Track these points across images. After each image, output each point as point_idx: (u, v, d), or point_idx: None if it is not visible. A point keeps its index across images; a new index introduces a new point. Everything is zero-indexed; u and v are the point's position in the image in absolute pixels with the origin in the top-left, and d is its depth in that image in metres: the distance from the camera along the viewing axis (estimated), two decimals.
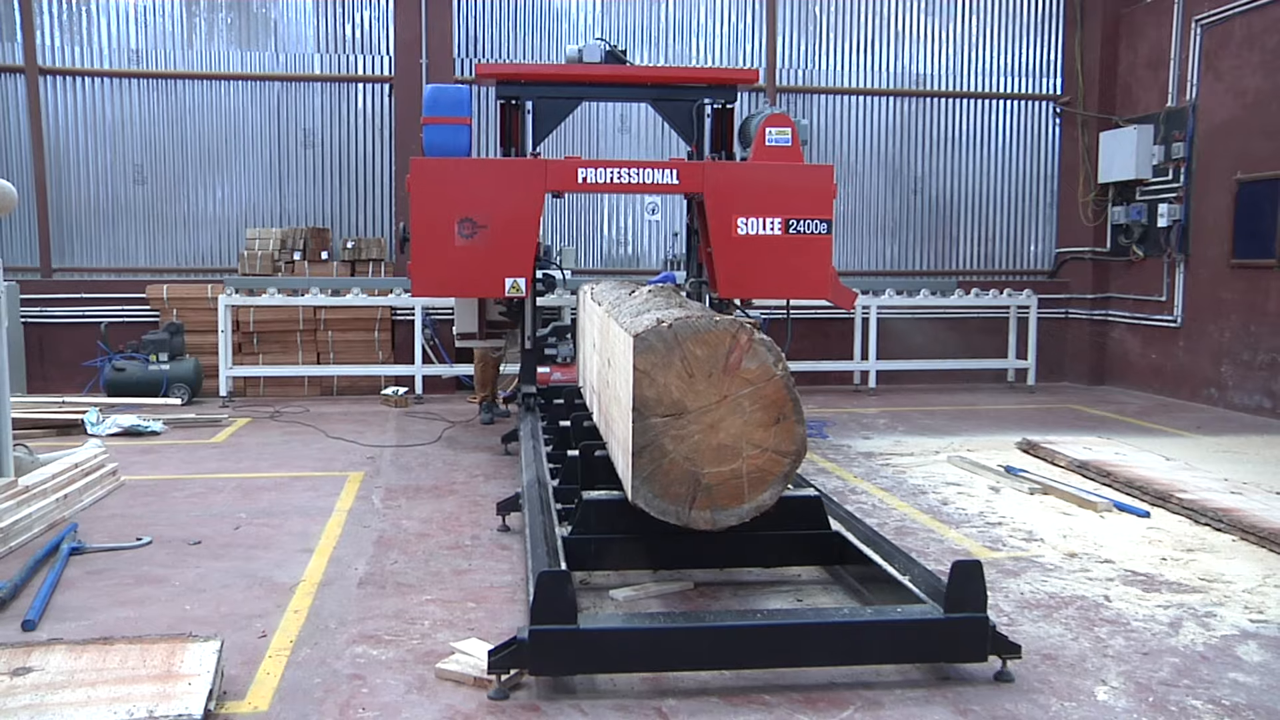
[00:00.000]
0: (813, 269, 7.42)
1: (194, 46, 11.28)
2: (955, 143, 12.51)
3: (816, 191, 7.44)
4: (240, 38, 11.35)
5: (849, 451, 8.09)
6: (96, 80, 11.18)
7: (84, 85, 11.17)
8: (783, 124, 7.46)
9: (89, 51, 11.13)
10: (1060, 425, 9.24)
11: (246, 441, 8.37)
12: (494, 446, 8.06)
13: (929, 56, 12.36)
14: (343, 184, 11.67)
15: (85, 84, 11.17)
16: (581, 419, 5.92)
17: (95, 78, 11.16)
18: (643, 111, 11.80)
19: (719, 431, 3.90)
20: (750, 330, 3.91)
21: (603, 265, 12.05)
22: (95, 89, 11.20)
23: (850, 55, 12.23)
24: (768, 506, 4.01)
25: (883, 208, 12.47)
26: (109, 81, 11.19)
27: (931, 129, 12.45)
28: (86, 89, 11.19)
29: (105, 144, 11.23)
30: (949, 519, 6.05)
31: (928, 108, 12.43)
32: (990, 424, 9.33)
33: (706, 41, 11.96)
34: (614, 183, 7.49)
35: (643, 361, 3.86)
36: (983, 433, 8.85)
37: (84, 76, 11.14)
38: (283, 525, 5.80)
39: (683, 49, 11.92)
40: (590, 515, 4.48)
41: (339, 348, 11.05)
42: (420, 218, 7.28)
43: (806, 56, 12.15)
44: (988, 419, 9.62)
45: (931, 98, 12.42)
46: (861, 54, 12.23)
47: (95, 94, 11.19)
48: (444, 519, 5.97)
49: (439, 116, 7.53)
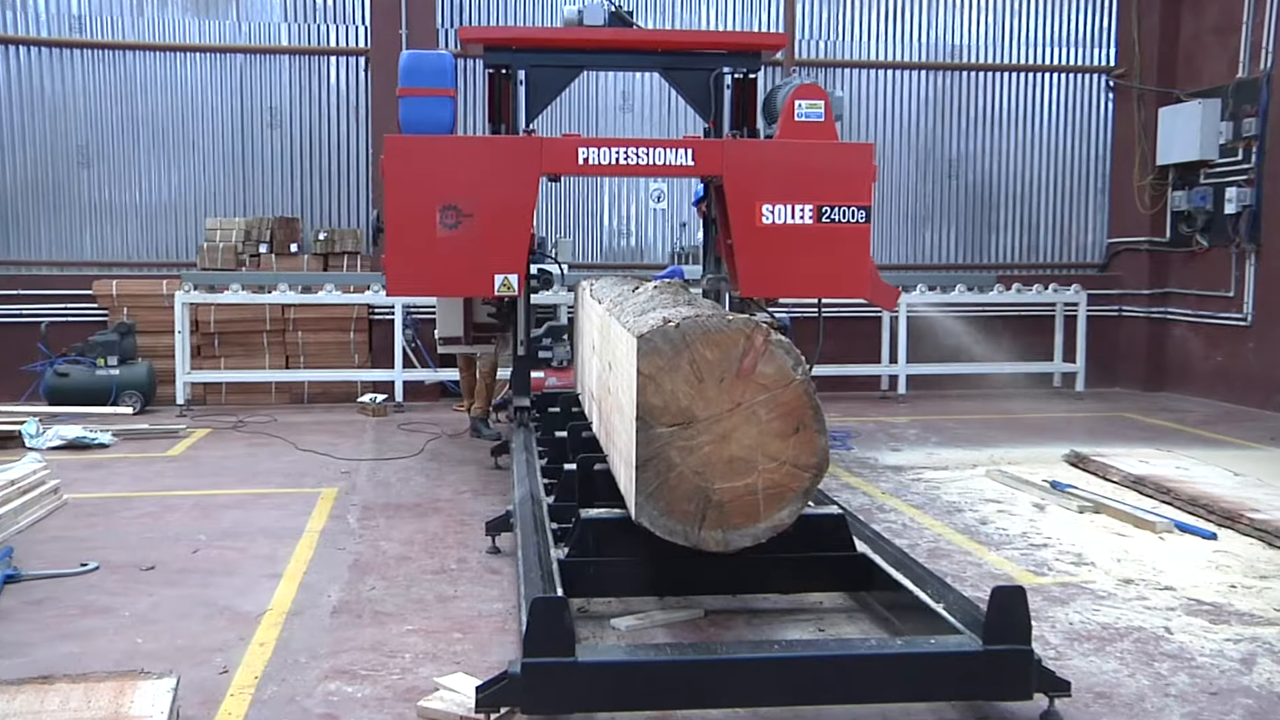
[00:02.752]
0: (849, 263, 7.29)
1: (145, 14, 11.31)
2: (995, 121, 12.51)
3: (854, 174, 7.28)
4: (198, 5, 11.39)
5: (876, 465, 8.08)
6: (34, 50, 11.20)
7: (19, 55, 11.19)
8: (814, 96, 7.30)
9: (24, 17, 11.15)
10: (1113, 436, 9.23)
11: (206, 455, 8.37)
12: (482, 460, 8.05)
13: (966, 25, 12.37)
14: (314, 169, 11.69)
15: (21, 54, 11.19)
16: (579, 429, 5.93)
17: (32, 47, 11.18)
18: (648, 87, 11.83)
19: (731, 443, 3.90)
20: (766, 331, 3.92)
21: (603, 259, 12.06)
22: (32, 60, 11.22)
23: (878, 24, 12.25)
24: (786, 526, 4.02)
25: (914, 194, 12.47)
26: (48, 52, 11.22)
27: (969, 106, 12.46)
28: (22, 60, 11.21)
29: (45, 122, 11.25)
30: (988, 540, 6.04)
31: (964, 82, 12.44)
32: (1034, 434, 9.31)
33: (718, 8, 11.99)
34: (620, 164, 7.34)
35: (647, 365, 3.87)
36: (1026, 444, 8.83)
37: (19, 46, 11.15)
38: (247, 548, 5.80)
39: (691, 17, 11.94)
40: (589, 536, 4.48)
41: (310, 350, 11.06)
42: (396, 205, 7.22)
43: (830, 26, 12.16)
44: (1031, 429, 9.60)
45: (969, 71, 12.43)
46: (891, 22, 12.24)
47: (33, 66, 11.22)
48: (427, 540, 5.97)
49: (418, 87, 7.41)
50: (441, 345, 8.84)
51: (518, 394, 7.88)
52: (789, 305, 9.57)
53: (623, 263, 12.00)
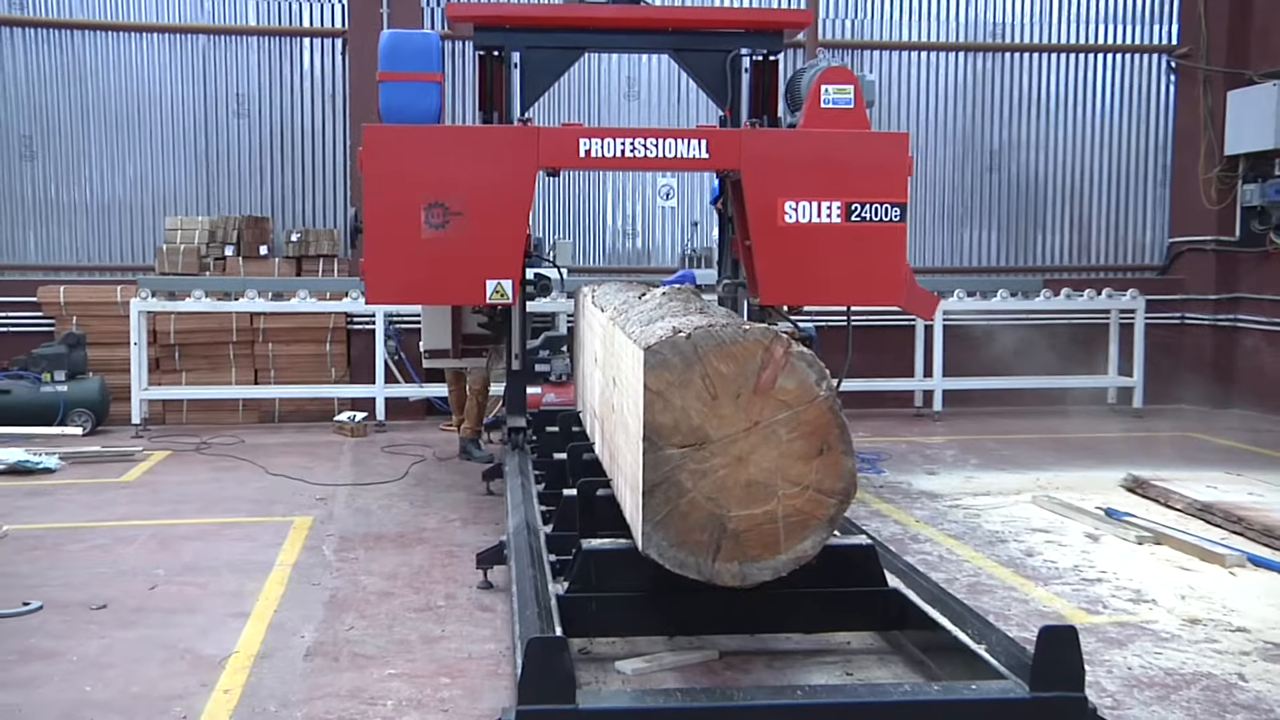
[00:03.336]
0: (882, 267, 7.27)
1: None
2: (1042, 108, 12.54)
3: (887, 167, 7.26)
4: None
5: (909, 490, 8.10)
6: None
7: None
8: (843, 80, 7.27)
9: None
10: (1176, 458, 9.21)
11: (165, 480, 8.39)
12: (473, 485, 8.07)
13: (1009, 1, 12.39)
14: (285, 162, 11.74)
15: None
16: (580, 451, 5.94)
17: None
18: (657, 71, 11.87)
19: (749, 465, 3.92)
20: (786, 341, 3.93)
21: (606, 262, 12.10)
22: None
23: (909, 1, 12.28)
24: (809, 557, 4.03)
25: (950, 189, 12.50)
26: None
27: (1011, 91, 12.49)
28: None
29: None
30: (1035, 574, 6.03)
31: (1007, 65, 12.47)
32: (1086, 456, 9.32)
33: None
34: (626, 157, 7.30)
35: (656, 380, 3.89)
36: (1076, 467, 8.85)
37: None
38: (210, 584, 5.81)
39: None
40: (591, 569, 4.49)
41: (281, 364, 11.09)
42: (376, 202, 7.21)
43: (858, 2, 12.21)
44: (1083, 450, 9.60)
45: (1012, 52, 12.46)
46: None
47: None
48: (412, 574, 5.98)
49: (400, 71, 7.41)
50: (427, 359, 8.85)
51: (512, 413, 7.88)
52: (814, 314, 9.58)
53: (628, 266, 12.04)
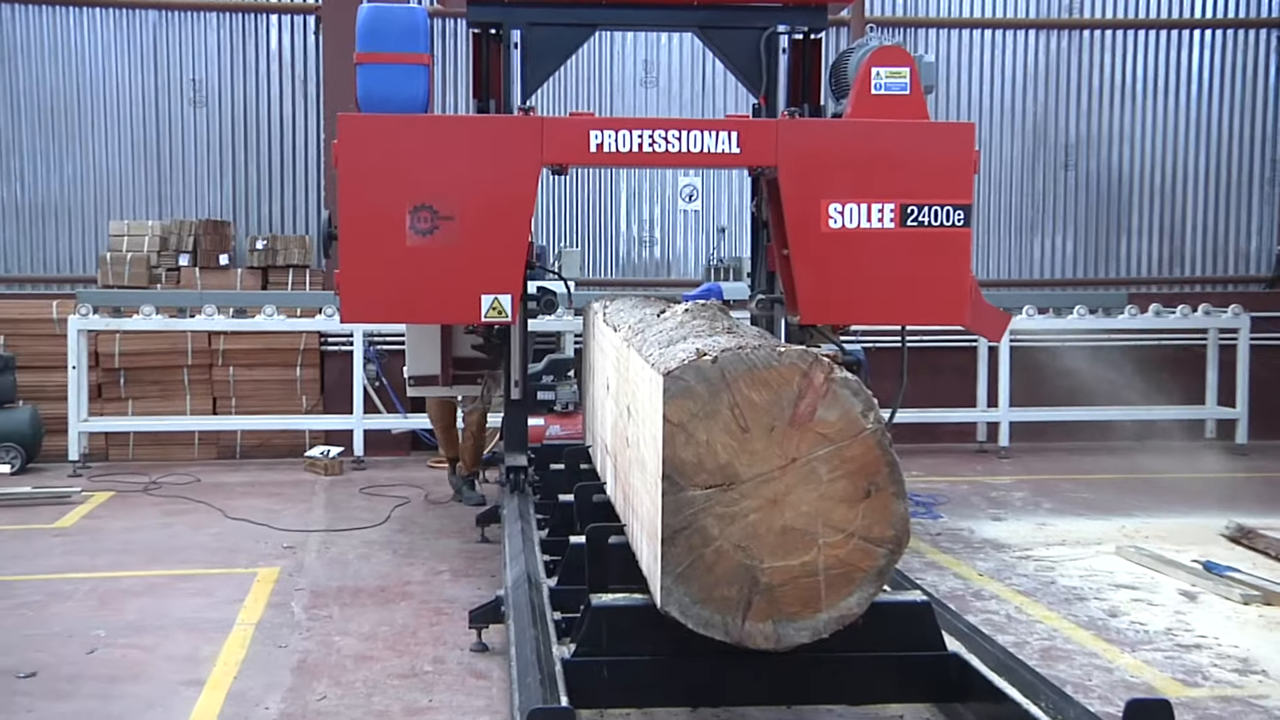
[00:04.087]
0: (944, 280, 7.22)
1: None
2: (1125, 94, 12.53)
3: (949, 162, 7.21)
4: None
5: (971, 538, 8.09)
6: None
7: None
8: (897, 61, 7.24)
9: None
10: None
11: (108, 526, 8.38)
12: (465, 531, 8.08)
13: None
14: (250, 158, 11.80)
15: None
16: (589, 492, 5.92)
17: None
18: (679, 55, 11.91)
19: (784, 509, 3.90)
20: (828, 366, 3.92)
21: (620, 274, 12.11)
22: None
23: None
24: (854, 616, 4.00)
25: (1019, 189, 12.49)
26: None
27: (1091, 75, 12.48)
28: None
29: None
30: (1121, 638, 6.01)
31: (1085, 45, 12.47)
32: (1180, 500, 9.27)
33: None
34: (644, 152, 7.25)
35: (677, 410, 3.87)
36: (1169, 513, 8.81)
37: None
38: (159, 646, 5.79)
39: None
40: (602, 628, 4.45)
41: (244, 391, 11.11)
42: (354, 204, 7.17)
43: None
44: (1176, 493, 9.55)
45: (1091, 29, 12.47)
46: None
47: None
48: (394, 635, 5.98)
49: (382, 52, 7.35)
50: (412, 387, 8.80)
51: (510, 449, 7.86)
52: (862, 334, 9.55)
53: (645, 279, 12.06)
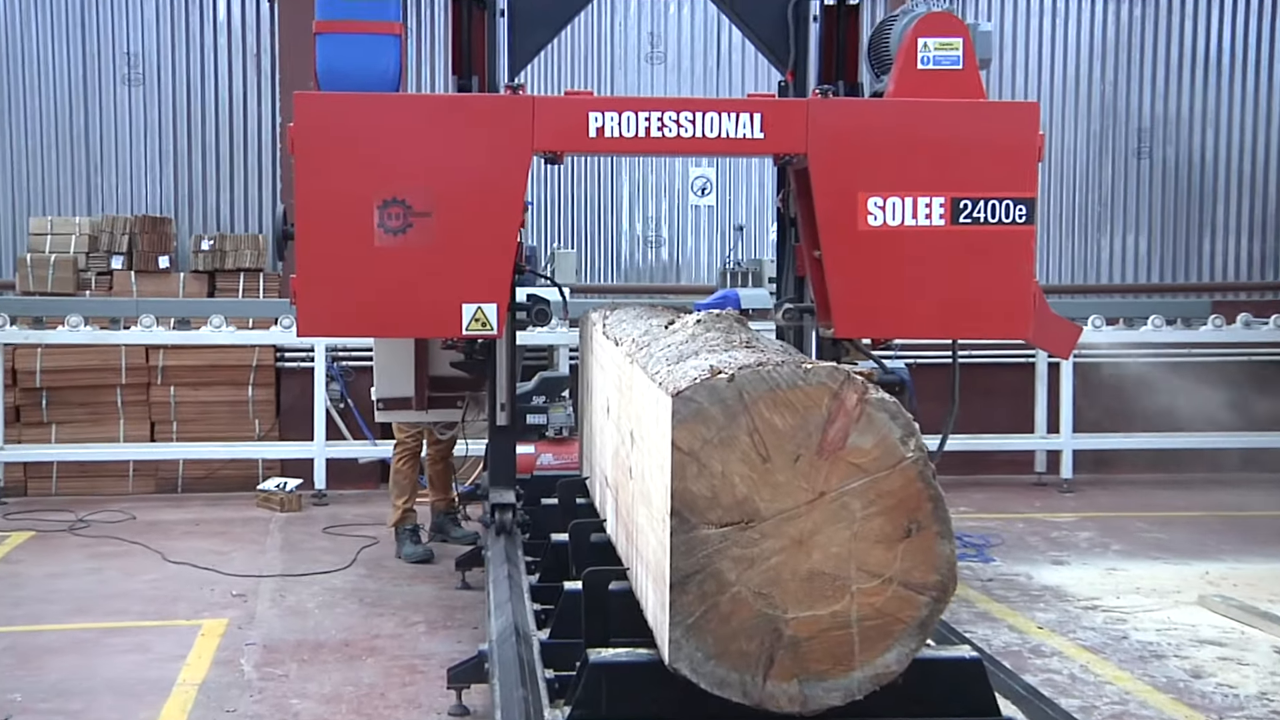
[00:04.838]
0: (1003, 286, 7.16)
1: None
2: (1210, 70, 12.56)
3: (1010, 149, 7.14)
4: None
5: (1029, 586, 8.13)
6: None
7: None
8: (948, 31, 7.13)
9: None
10: None
11: (27, 571, 8.38)
12: (443, 576, 8.15)
13: None
14: (194, 145, 11.81)
15: None
16: (586, 530, 5.91)
17: None
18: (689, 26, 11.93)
19: (812, 551, 3.89)
20: (861, 386, 3.90)
21: (622, 279, 12.13)
22: None
23: None
24: (893, 675, 3.97)
25: (1086, 180, 12.53)
26: None
27: (1169, 48, 12.53)
28: None
29: None
30: (1206, 702, 6.04)
31: (1163, 12, 12.51)
32: (1273, 542, 9.34)
33: None
34: (651, 137, 7.15)
35: (688, 436, 3.85)
36: (1261, 557, 8.88)
37: None
38: (86, 713, 5.79)
39: None
40: (601, 689, 4.39)
41: (187, 414, 11.11)
42: (313, 198, 7.09)
43: None
44: (1270, 534, 9.62)
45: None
46: None
47: None
48: (360, 697, 6.01)
49: (345, 20, 7.34)
50: (381, 411, 8.76)
51: (496, 483, 7.83)
52: (904, 349, 9.52)
53: (651, 285, 12.09)
